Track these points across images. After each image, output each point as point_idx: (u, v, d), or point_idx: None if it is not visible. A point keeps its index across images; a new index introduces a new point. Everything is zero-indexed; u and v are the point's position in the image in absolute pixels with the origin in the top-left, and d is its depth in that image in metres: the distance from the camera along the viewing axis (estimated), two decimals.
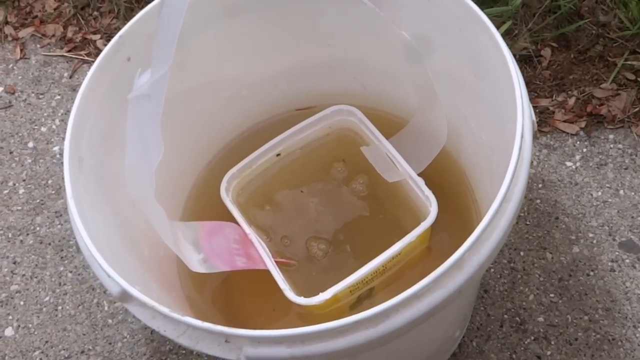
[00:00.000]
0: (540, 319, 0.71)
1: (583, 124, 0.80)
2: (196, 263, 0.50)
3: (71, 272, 0.80)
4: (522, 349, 0.69)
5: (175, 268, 0.62)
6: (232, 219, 0.60)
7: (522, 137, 0.43)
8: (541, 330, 0.70)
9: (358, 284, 0.56)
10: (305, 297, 0.55)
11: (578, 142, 0.80)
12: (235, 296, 0.66)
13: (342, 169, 0.67)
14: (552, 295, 0.72)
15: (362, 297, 0.59)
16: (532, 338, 0.70)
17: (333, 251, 0.64)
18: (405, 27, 0.50)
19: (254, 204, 0.65)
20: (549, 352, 0.69)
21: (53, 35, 0.98)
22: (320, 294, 0.54)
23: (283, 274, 0.57)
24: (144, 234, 0.53)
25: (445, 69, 0.54)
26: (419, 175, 0.61)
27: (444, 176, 0.67)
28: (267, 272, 0.58)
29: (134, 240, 0.51)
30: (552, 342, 0.69)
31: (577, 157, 0.79)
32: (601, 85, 0.81)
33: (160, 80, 0.37)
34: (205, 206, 0.66)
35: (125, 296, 0.42)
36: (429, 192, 0.59)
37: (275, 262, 0.58)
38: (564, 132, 0.81)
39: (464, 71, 0.53)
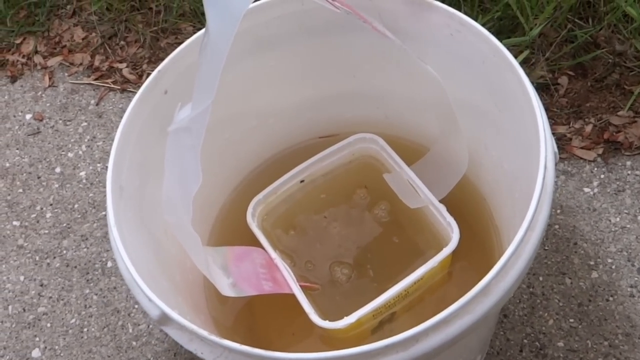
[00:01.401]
0: (560, 344, 0.71)
1: (600, 151, 0.82)
2: (226, 287, 0.52)
3: (96, 294, 0.82)
4: None
5: (202, 291, 0.63)
6: (258, 244, 0.62)
7: (545, 167, 0.44)
8: (561, 355, 0.71)
9: (381, 308, 0.57)
10: (329, 321, 0.56)
11: (595, 169, 0.81)
12: (257, 319, 0.67)
13: (365, 195, 0.69)
14: (571, 320, 0.73)
15: (384, 321, 0.60)
16: None
17: (356, 276, 0.65)
18: (430, 61, 0.52)
19: (279, 229, 0.66)
20: None
21: (81, 64, 1.00)
22: (345, 318, 0.55)
23: (307, 298, 0.58)
24: (176, 259, 0.54)
25: (468, 100, 0.56)
26: (440, 201, 0.62)
27: (465, 203, 0.68)
28: (289, 296, 0.59)
29: (167, 265, 0.52)
30: None
31: (595, 184, 0.80)
32: (618, 113, 0.83)
33: (202, 115, 0.39)
34: (231, 231, 0.67)
35: (164, 319, 0.44)
36: (450, 219, 0.60)
37: (300, 286, 0.59)
38: (581, 158, 0.82)
39: (486, 103, 0.55)
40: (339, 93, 0.65)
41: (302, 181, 0.67)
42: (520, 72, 0.48)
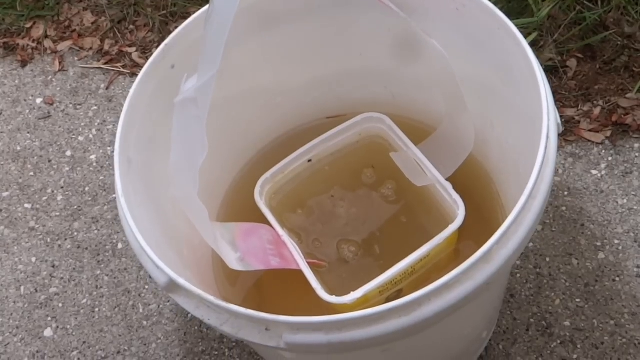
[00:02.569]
0: (567, 323, 0.72)
1: (608, 133, 0.82)
2: (234, 261, 0.52)
3: (107, 275, 0.83)
4: (549, 352, 0.70)
5: (211, 269, 0.64)
6: (266, 222, 0.63)
7: (547, 137, 0.44)
8: (567, 334, 0.71)
9: (387, 284, 0.57)
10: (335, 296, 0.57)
11: (603, 151, 0.81)
12: (266, 298, 0.68)
13: (372, 175, 0.69)
14: (578, 300, 0.73)
15: (390, 298, 0.60)
16: (559, 342, 0.71)
17: (363, 254, 0.66)
18: (436, 36, 0.53)
19: (286, 207, 0.67)
20: (575, 356, 0.70)
21: (90, 48, 1.01)
22: (352, 293, 0.55)
23: (314, 275, 0.59)
24: (184, 235, 0.55)
25: (473, 76, 0.56)
26: (446, 180, 0.62)
27: (471, 182, 0.68)
28: (297, 275, 0.60)
29: (174, 240, 0.53)
30: (579, 346, 0.70)
31: (603, 166, 0.80)
32: (626, 95, 0.83)
33: (207, 84, 0.39)
34: (239, 210, 0.68)
35: (172, 286, 0.44)
36: (456, 196, 0.60)
37: (307, 262, 0.60)
38: (589, 141, 0.82)
39: (492, 78, 0.55)
40: (346, 71, 0.66)
41: (309, 160, 0.67)
42: (524, 44, 0.48)
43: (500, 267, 0.42)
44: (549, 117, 0.45)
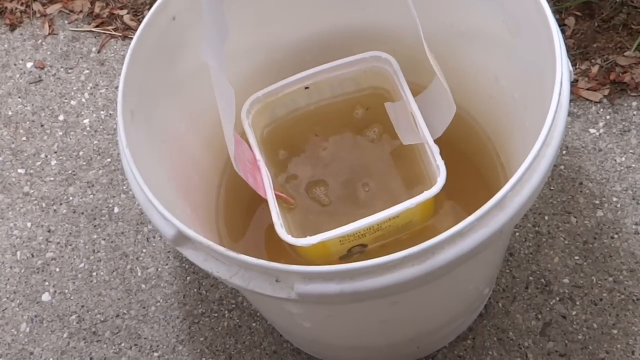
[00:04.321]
0: (565, 280, 0.72)
1: (606, 92, 0.82)
2: (232, 155, 0.51)
3: (104, 239, 0.82)
4: (548, 309, 0.71)
5: (215, 232, 0.64)
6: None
7: (560, 83, 0.44)
8: (566, 291, 0.72)
9: (349, 236, 0.55)
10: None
11: (601, 110, 0.81)
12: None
13: (362, 116, 0.66)
14: (576, 257, 0.73)
15: (354, 251, 0.58)
16: (558, 299, 0.71)
17: (335, 200, 0.64)
18: None
19: (269, 136, 0.65)
20: (574, 312, 0.71)
21: (81, 11, 0.99)
22: (308, 237, 0.53)
23: (280, 211, 0.56)
24: (187, 192, 0.54)
25: (478, 29, 0.55)
26: (436, 141, 0.59)
27: (464, 142, 0.68)
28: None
29: (179, 195, 0.52)
30: (577, 303, 0.71)
31: (601, 124, 0.80)
32: (625, 54, 0.82)
33: None
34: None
35: (180, 238, 0.44)
36: (440, 162, 0.57)
37: (275, 195, 0.58)
38: (587, 99, 0.82)
39: (499, 29, 0.54)
40: (347, 26, 0.64)
41: (306, 88, 0.64)
42: None
43: (514, 215, 0.42)
44: (562, 62, 0.44)
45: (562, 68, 0.44)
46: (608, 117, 0.81)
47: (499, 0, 0.52)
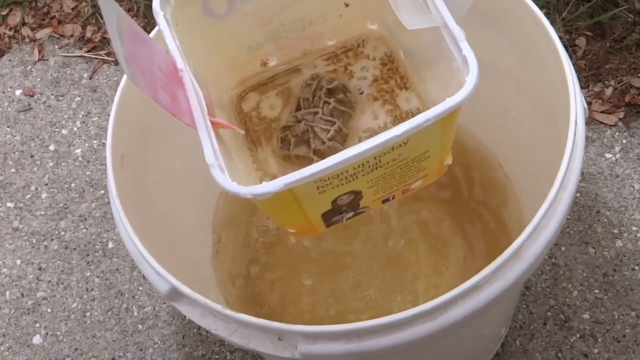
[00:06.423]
0: (586, 315, 0.69)
1: (621, 115, 0.78)
2: (121, 56, 0.34)
3: (98, 277, 0.79)
4: (568, 347, 0.67)
5: (211, 271, 0.60)
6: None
7: (575, 123, 0.41)
8: (587, 327, 0.68)
9: (331, 177, 0.35)
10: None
11: (617, 133, 0.78)
12: (271, 302, 0.64)
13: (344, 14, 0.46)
14: (596, 291, 0.70)
15: (342, 203, 0.39)
16: (578, 336, 0.68)
17: (308, 125, 0.44)
18: None
19: (203, 19, 0.43)
20: (596, 350, 0.67)
21: (71, 36, 0.96)
22: (265, 182, 0.34)
23: (221, 147, 0.37)
24: (183, 232, 0.51)
25: (488, 58, 0.51)
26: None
27: (478, 169, 0.65)
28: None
29: (173, 240, 0.49)
30: (599, 340, 0.67)
31: (617, 149, 0.77)
32: (639, 75, 0.79)
33: None
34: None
35: (174, 294, 0.41)
36: (468, 52, 0.36)
37: (211, 122, 0.38)
38: (602, 123, 0.79)
39: (507, 59, 0.51)
40: None
41: None
42: (545, 22, 0.45)
43: (531, 264, 0.39)
44: (577, 101, 0.41)
45: (577, 106, 0.41)
46: (624, 140, 0.77)
47: (507, 30, 0.49)
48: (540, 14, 0.47)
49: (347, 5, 0.46)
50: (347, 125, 0.45)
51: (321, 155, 0.43)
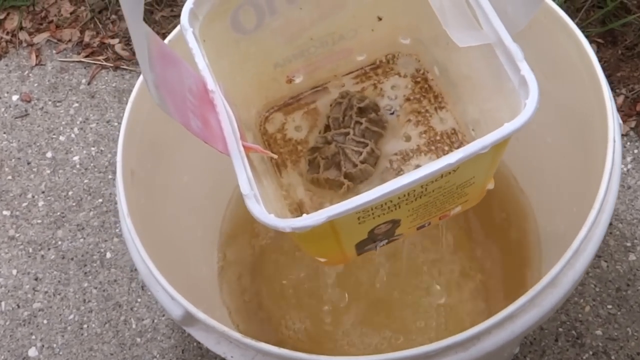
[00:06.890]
0: (598, 332, 0.67)
1: (633, 124, 0.76)
2: (150, 83, 0.32)
3: (96, 288, 0.76)
4: None
5: (217, 287, 0.58)
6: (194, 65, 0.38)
7: (614, 141, 0.39)
8: (600, 344, 0.66)
9: (375, 208, 0.34)
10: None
11: (629, 143, 0.76)
12: (272, 315, 0.62)
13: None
14: (609, 306, 0.68)
15: (379, 232, 0.38)
16: (591, 353, 0.66)
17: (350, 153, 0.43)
18: None
19: (230, 38, 0.42)
20: None
21: (69, 41, 0.94)
22: (305, 215, 0.32)
23: (255, 175, 0.35)
24: (190, 248, 0.49)
25: None
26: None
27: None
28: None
29: (181, 255, 0.47)
30: (613, 357, 0.65)
31: (629, 159, 0.75)
32: None
33: None
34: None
35: (188, 319, 0.38)
36: (527, 70, 0.34)
37: (244, 146, 0.36)
38: None
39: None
40: None
41: None
42: (579, 33, 0.42)
43: (568, 290, 0.37)
44: (614, 119, 0.39)
45: (614, 124, 0.39)
46: (636, 151, 0.76)
47: (533, 41, 0.47)
48: (572, 24, 0.45)
49: (380, 19, 0.45)
50: (378, 146, 0.43)
51: (352, 178, 0.42)
